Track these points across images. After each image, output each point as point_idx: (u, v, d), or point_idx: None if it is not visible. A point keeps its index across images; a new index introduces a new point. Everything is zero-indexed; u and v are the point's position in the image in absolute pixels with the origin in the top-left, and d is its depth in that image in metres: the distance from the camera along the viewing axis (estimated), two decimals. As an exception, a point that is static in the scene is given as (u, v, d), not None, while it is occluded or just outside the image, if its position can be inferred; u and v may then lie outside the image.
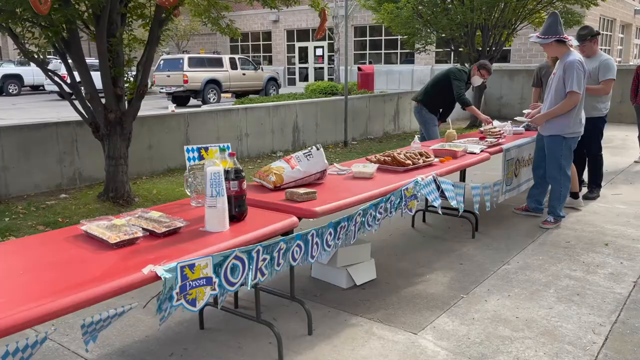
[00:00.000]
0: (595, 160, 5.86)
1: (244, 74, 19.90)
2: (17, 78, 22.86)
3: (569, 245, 4.35)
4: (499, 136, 5.11)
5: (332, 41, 22.43)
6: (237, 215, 2.46)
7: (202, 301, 2.06)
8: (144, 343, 2.83)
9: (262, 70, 21.12)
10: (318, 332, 2.94)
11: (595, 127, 5.53)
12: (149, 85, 5.48)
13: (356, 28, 26.33)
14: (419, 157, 3.92)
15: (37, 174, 6.07)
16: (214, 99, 18.47)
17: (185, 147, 4.15)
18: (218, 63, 19.16)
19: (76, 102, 5.36)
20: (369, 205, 3.04)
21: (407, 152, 3.97)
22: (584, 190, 5.96)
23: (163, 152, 7.35)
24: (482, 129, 5.40)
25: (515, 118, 5.49)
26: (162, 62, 18.68)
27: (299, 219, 2.77)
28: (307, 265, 3.78)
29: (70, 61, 5.23)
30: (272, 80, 21.16)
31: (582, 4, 10.88)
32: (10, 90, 23.11)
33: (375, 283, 3.63)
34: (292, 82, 28.99)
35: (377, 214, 3.14)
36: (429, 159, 3.96)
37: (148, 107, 16.94)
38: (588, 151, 5.82)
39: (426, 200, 4.35)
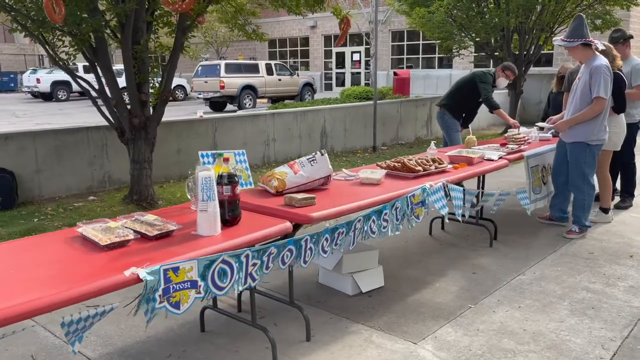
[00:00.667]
0: (628, 168, 5.63)
1: (279, 80, 20.09)
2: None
3: (592, 257, 4.18)
4: (521, 142, 4.98)
5: (368, 46, 22.38)
6: (230, 219, 2.49)
7: (186, 304, 2.09)
8: (145, 344, 2.89)
9: (297, 75, 21.29)
10: (316, 339, 2.93)
11: (628, 133, 5.30)
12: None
13: (394, 33, 26.19)
14: (431, 163, 3.87)
15: (68, 176, 6.30)
16: (249, 105, 18.73)
17: (199, 153, 4.25)
18: (254, 69, 19.43)
19: (103, 108, 5.55)
20: (370, 212, 3.02)
21: (419, 159, 3.92)
22: (616, 199, 5.73)
23: (190, 156, 7.50)
24: (506, 134, 5.28)
25: (537, 124, 5.33)
26: (200, 68, 19.09)
27: (296, 225, 2.78)
28: (315, 271, 3.78)
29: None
30: (308, 85, 21.28)
31: (622, 6, 10.48)
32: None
33: (382, 290, 3.59)
34: (329, 87, 29.08)
35: (382, 222, 3.11)
36: (441, 166, 3.90)
37: (186, 113, 17.36)
38: (620, 159, 5.59)
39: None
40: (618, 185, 5.73)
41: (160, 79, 5.69)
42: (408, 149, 10.38)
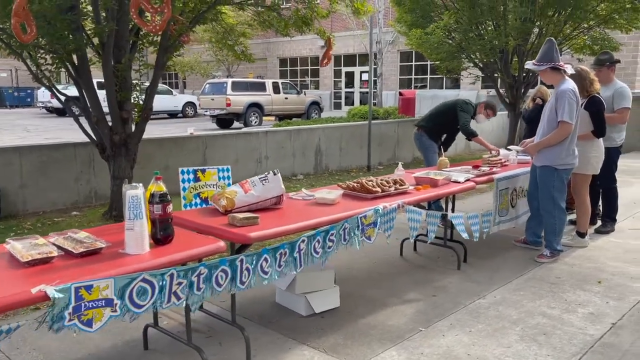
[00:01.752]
0: (609, 192, 5.56)
1: (286, 98, 20.28)
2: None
3: (558, 282, 4.12)
4: (495, 165, 4.96)
5: (376, 66, 22.53)
6: (162, 238, 2.51)
7: (99, 322, 2.10)
8: (85, 360, 2.91)
9: (304, 94, 21.47)
10: (257, 359, 2.93)
11: (608, 158, 5.24)
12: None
13: (402, 53, 26.33)
14: (392, 184, 3.87)
15: (54, 191, 6.41)
16: (255, 122, 18.90)
17: (179, 169, 4.28)
18: (261, 87, 19.66)
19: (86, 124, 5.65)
20: (316, 232, 3.02)
21: (381, 180, 3.93)
22: (599, 223, 5.65)
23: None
24: (483, 157, 5.27)
25: (509, 147, 5.31)
26: (207, 85, 19.38)
27: (244, 245, 2.80)
28: (272, 290, 3.78)
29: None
30: (315, 104, 21.44)
31: (622, 29, 10.42)
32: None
33: (337, 311, 3.58)
34: (338, 106, 29.25)
35: (328, 242, 3.11)
36: (402, 187, 3.90)
37: (198, 129, 17.56)
38: (602, 183, 5.54)
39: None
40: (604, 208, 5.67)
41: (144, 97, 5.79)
42: (405, 169, 10.35)
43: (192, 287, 2.41)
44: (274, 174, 3.31)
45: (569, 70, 4.44)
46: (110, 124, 5.51)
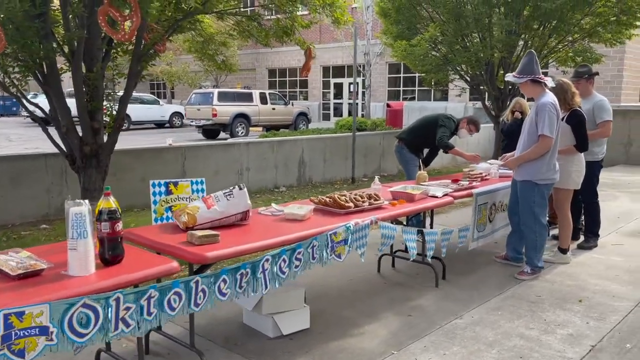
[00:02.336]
0: (591, 207, 5.47)
1: (273, 109, 20.18)
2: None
3: (538, 300, 3.99)
4: (475, 179, 4.85)
5: (364, 78, 22.52)
6: (110, 258, 2.35)
7: (33, 352, 1.93)
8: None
9: (292, 105, 21.39)
10: (216, 386, 2.76)
11: (590, 172, 5.15)
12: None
13: (391, 65, 26.37)
14: (366, 199, 3.73)
15: (24, 204, 6.20)
16: (242, 133, 18.76)
17: (151, 182, 4.11)
18: (248, 98, 19.55)
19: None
20: (281, 251, 2.87)
21: (356, 194, 3.79)
22: (581, 238, 5.55)
23: (157, 184, 7.40)
24: (464, 170, 5.16)
25: (489, 161, 5.21)
26: (193, 95, 19.24)
27: (204, 265, 2.65)
28: (239, 311, 3.61)
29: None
30: (302, 115, 21.36)
31: (606, 43, 10.44)
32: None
33: (307, 333, 3.41)
34: (326, 117, 29.19)
35: (295, 261, 2.96)
36: (377, 202, 3.76)
37: (179, 140, 17.39)
38: (583, 198, 5.44)
39: (392, 245, 4.10)
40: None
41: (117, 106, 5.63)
42: (389, 181, 10.24)
43: (142, 312, 2.24)
44: (240, 189, 3.16)
45: (550, 83, 4.35)
46: (80, 134, 5.33)
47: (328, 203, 3.62)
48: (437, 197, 4.15)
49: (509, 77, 4.49)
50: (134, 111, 23.62)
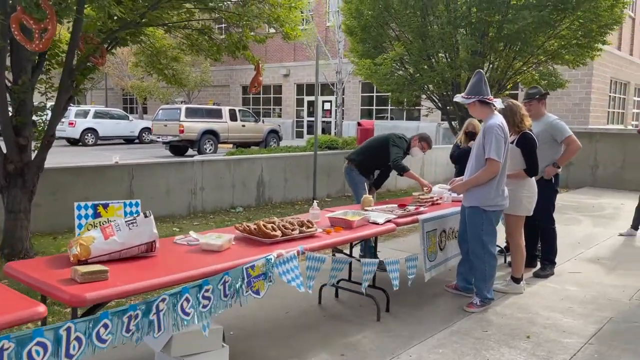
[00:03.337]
0: (547, 233, 5.25)
1: (243, 126, 19.84)
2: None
3: (484, 336, 3.71)
4: (424, 204, 4.59)
5: (336, 96, 22.41)
6: (-42, 301, 1.99)
7: None
8: None
9: (263, 122, 21.11)
10: None
11: (545, 197, 4.95)
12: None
13: (364, 83, 26.33)
14: (296, 227, 3.43)
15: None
16: (210, 150, 18.37)
17: (75, 204, 3.73)
18: (217, 114, 19.19)
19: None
20: (182, 289, 2.54)
21: (286, 221, 3.48)
22: (539, 265, 5.31)
23: (101, 204, 6.98)
24: (413, 194, 4.91)
25: (437, 185, 4.97)
26: (160, 111, 18.83)
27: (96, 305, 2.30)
28: (151, 351, 3.24)
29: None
30: (273, 132, 21.05)
31: (569, 65, 10.44)
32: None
33: (224, 377, 3.06)
34: (300, 134, 28.99)
35: (202, 300, 2.62)
36: (309, 230, 3.46)
37: (146, 156, 16.94)
38: (540, 224, 5.23)
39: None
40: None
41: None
42: (352, 201, 9.98)
43: (-8, 366, 1.89)
44: (146, 216, 2.83)
45: (498, 104, 4.14)
46: (4, 151, 4.94)
47: (253, 231, 3.30)
48: (378, 224, 3.87)
49: (458, 97, 4.27)
50: (102, 126, 23.09)
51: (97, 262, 2.64)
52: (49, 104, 5.47)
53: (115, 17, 5.17)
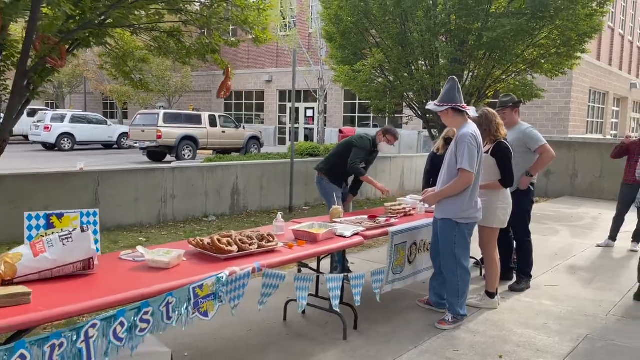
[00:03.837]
0: (523, 246, 5.08)
1: (223, 132, 19.54)
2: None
3: (455, 356, 3.51)
4: (396, 215, 4.40)
5: (318, 103, 22.24)
6: None
7: None
8: None
9: (243, 128, 20.84)
10: None
11: (520, 208, 4.79)
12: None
13: (346, 91, 26.22)
14: (255, 241, 3.20)
15: None
16: (188, 156, 18.05)
17: (25, 214, 3.48)
18: (196, 120, 18.88)
19: None
20: (117, 312, 2.30)
21: (244, 235, 3.25)
22: (515, 278, 5.15)
23: (64, 213, 6.67)
24: (385, 204, 4.71)
25: (409, 196, 4.78)
26: (138, 116, 18.49)
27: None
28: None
29: None
30: (254, 139, 20.78)
31: (547, 74, 10.39)
32: None
33: (171, 405, 2.82)
34: (282, 141, 28.74)
35: (140, 323, 2.38)
36: (269, 244, 3.24)
37: (122, 162, 16.55)
38: (515, 236, 5.07)
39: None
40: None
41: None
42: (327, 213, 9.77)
43: None
44: (83, 231, 2.58)
45: (472, 112, 3.96)
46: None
47: (206, 246, 3.06)
48: (345, 237, 3.66)
49: (430, 105, 4.09)
50: (79, 131, 22.60)
51: (24, 282, 2.39)
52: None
53: (77, 18, 4.93)
